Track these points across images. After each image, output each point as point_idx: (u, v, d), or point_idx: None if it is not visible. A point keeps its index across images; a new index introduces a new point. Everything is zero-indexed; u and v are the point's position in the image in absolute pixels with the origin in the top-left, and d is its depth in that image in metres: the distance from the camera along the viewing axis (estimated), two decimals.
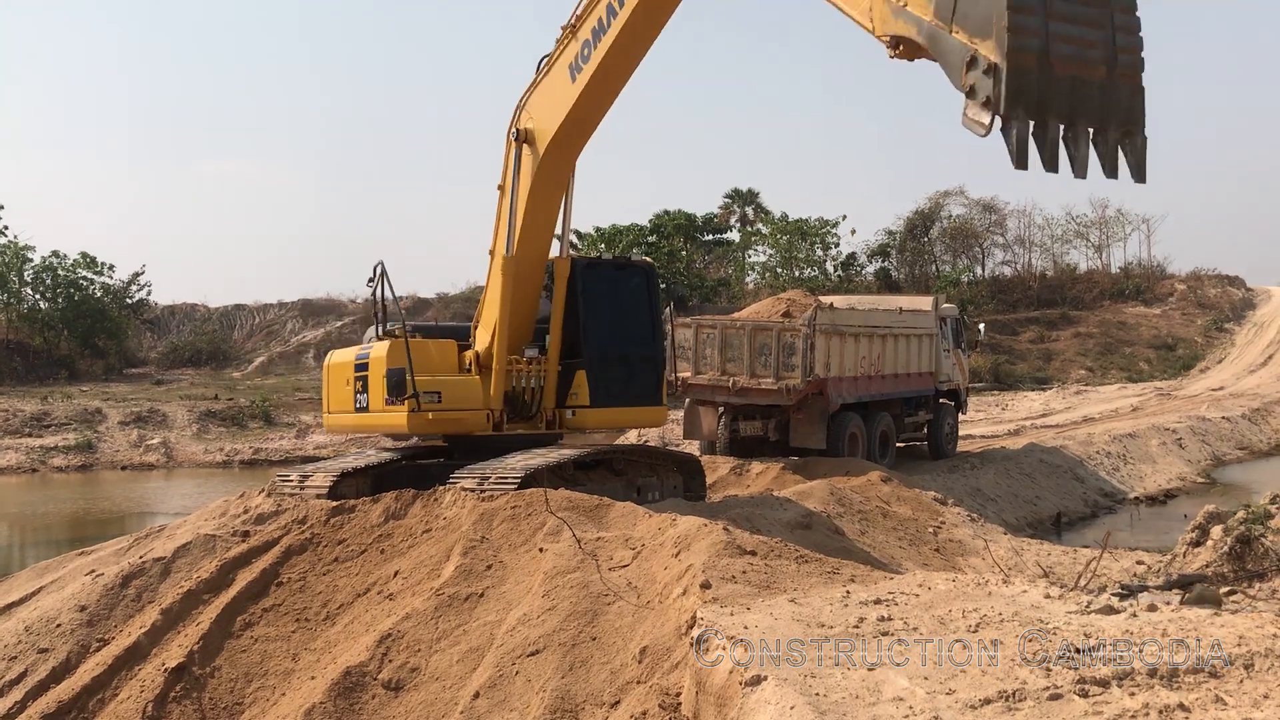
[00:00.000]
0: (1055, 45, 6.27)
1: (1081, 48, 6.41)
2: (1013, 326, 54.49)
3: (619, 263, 15.22)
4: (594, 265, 14.54)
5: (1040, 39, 6.25)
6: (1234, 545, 10.18)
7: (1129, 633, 6.24)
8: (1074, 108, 6.49)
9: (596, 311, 14.19)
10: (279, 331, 61.63)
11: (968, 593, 7.66)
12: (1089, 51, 6.52)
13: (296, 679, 9.29)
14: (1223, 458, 30.18)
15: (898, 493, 18.22)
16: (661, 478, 15.35)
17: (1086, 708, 5.23)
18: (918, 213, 61.91)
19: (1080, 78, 6.46)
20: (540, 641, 8.44)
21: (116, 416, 37.01)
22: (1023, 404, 40.25)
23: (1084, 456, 25.83)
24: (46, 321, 51.20)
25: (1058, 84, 6.34)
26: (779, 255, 57.73)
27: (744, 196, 65.27)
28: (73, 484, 30.99)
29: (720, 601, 7.73)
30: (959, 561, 15.65)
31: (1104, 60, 6.46)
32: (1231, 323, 57.83)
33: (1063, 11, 6.30)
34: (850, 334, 20.81)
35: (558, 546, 9.88)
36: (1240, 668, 5.54)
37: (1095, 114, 6.51)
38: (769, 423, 21.09)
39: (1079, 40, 6.40)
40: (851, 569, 9.02)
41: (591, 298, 14.19)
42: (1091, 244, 66.20)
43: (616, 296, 14.64)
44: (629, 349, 14.42)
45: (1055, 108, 6.45)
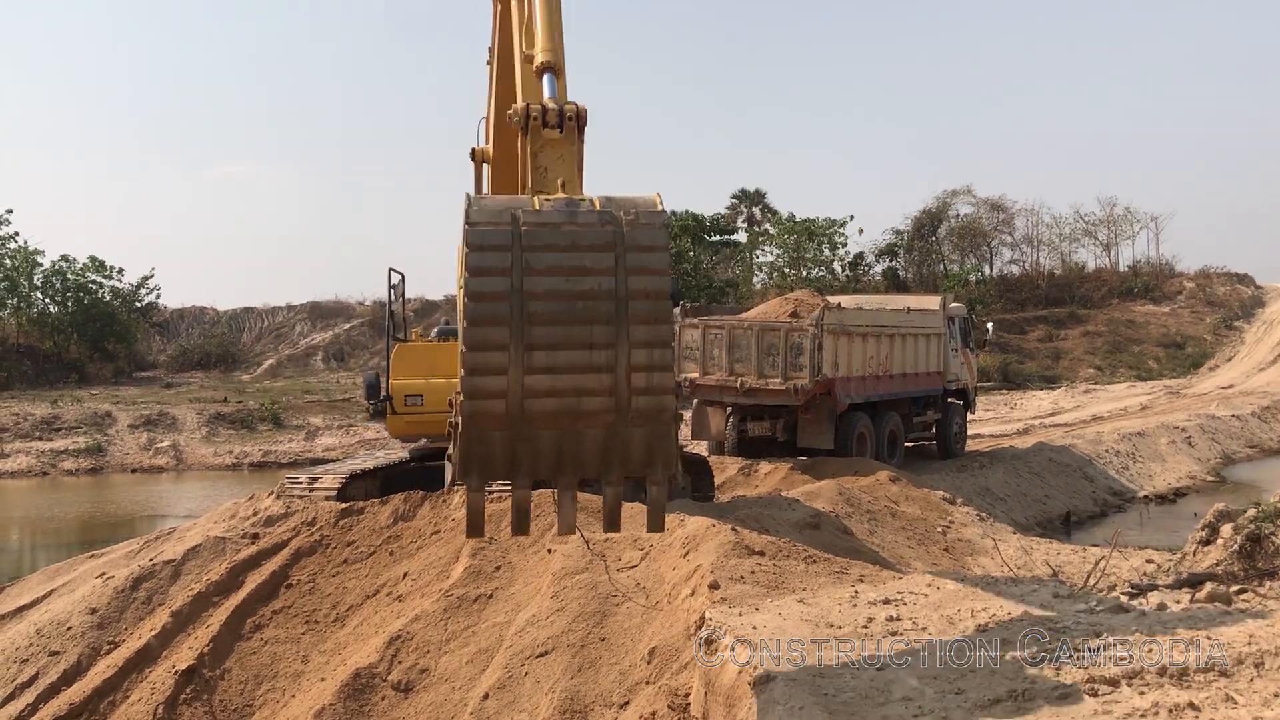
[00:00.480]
0: (532, 401, 5.10)
1: (576, 397, 5.13)
2: (1021, 325, 54.37)
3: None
4: None
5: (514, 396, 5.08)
6: (1244, 544, 10.13)
7: (1139, 631, 6.22)
8: (561, 464, 5.33)
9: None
10: (288, 334, 61.76)
11: (977, 592, 7.65)
12: (586, 400, 5.19)
13: (306, 680, 9.32)
14: (1232, 456, 30.07)
15: (906, 492, 18.20)
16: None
17: (1096, 707, 5.22)
18: (925, 212, 61.81)
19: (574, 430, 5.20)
20: (549, 642, 8.45)
21: (126, 420, 37.09)
22: (1031, 403, 40.15)
23: (1093, 455, 25.77)
24: (56, 325, 51.34)
25: (537, 441, 5.21)
26: (786, 255, 57.67)
27: (751, 197, 65.21)
28: (83, 487, 31.07)
29: (729, 602, 7.73)
30: (968, 561, 15.63)
31: (609, 408, 5.13)
32: (1241, 320, 57.60)
33: (544, 363, 5.08)
34: (858, 334, 20.78)
35: (566, 548, 9.89)
36: (1251, 666, 5.52)
37: (592, 465, 5.33)
38: (777, 423, 21.07)
39: (570, 390, 5.13)
40: (860, 569, 9.01)
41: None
42: (1100, 242, 66.04)
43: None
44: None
45: (529, 468, 5.33)
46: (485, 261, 5.07)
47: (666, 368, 5.18)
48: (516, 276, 5.08)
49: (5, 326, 51.01)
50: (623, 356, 5.11)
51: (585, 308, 5.11)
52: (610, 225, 5.14)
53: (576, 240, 5.14)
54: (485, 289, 5.06)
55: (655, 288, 5.11)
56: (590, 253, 5.12)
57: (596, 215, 5.18)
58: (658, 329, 5.11)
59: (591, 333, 5.12)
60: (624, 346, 5.11)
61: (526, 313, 5.07)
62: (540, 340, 5.10)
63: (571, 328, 5.12)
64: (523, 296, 5.07)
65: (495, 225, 5.14)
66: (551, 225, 5.16)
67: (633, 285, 5.09)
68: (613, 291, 5.10)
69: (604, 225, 5.16)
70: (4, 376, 45.90)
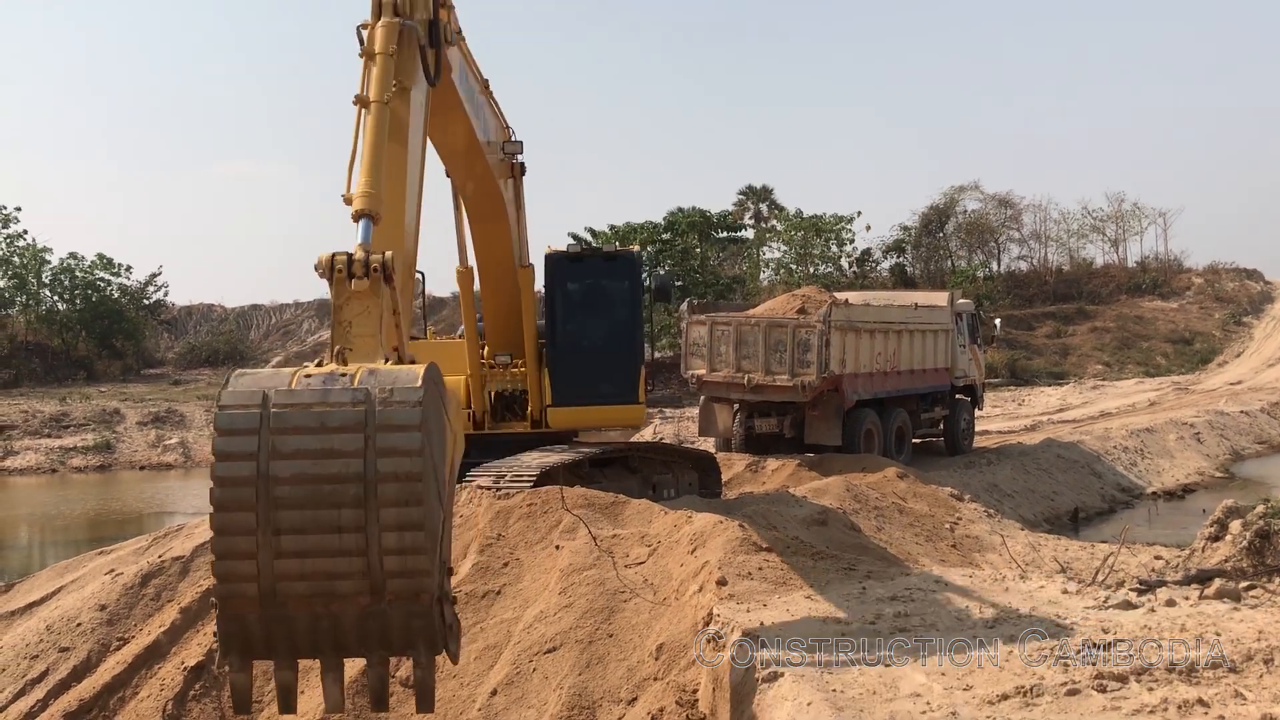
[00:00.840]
0: (283, 585, 5.03)
1: (329, 580, 5.03)
2: (1029, 321, 54.26)
3: (607, 254, 14.85)
4: (576, 259, 14.25)
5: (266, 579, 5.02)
6: (1253, 540, 10.11)
7: (1147, 628, 6.22)
8: (319, 644, 5.26)
9: (564, 307, 13.96)
10: (295, 331, 61.91)
11: (985, 588, 7.64)
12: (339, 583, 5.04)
13: (314, 676, 9.32)
14: (1241, 452, 29.98)
15: (914, 489, 18.19)
16: (677, 475, 15.35)
17: (1105, 703, 5.22)
18: (933, 208, 61.65)
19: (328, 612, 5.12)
20: (557, 638, 8.46)
21: (134, 417, 37.20)
22: (1039, 399, 40.07)
23: (1101, 451, 25.71)
24: (64, 323, 51.52)
25: (292, 622, 5.15)
26: (793, 252, 57.61)
27: (758, 193, 65.12)
28: (91, 484, 31.17)
29: (736, 598, 7.74)
30: (976, 557, 15.61)
31: (362, 590, 5.03)
32: (1250, 316, 57.42)
33: (293, 547, 4.99)
34: (865, 330, 20.76)
35: (574, 544, 9.90)
36: (1260, 662, 5.52)
37: (352, 646, 5.27)
38: (784, 419, 21.07)
39: (321, 574, 5.03)
40: (868, 565, 9.02)
41: (560, 294, 13.97)
42: (1108, 238, 65.87)
43: (592, 291, 14.30)
44: (601, 346, 14.04)
45: (289, 648, 5.29)
46: (230, 446, 5.00)
47: (421, 550, 5.02)
48: (264, 460, 5.01)
49: (14, 324, 51.21)
50: (374, 540, 4.99)
51: (333, 491, 5.02)
52: (362, 405, 5.03)
53: (325, 421, 5.04)
54: (229, 474, 4.99)
55: (406, 469, 4.97)
56: (339, 434, 5.03)
57: (350, 394, 5.07)
58: (408, 511, 4.97)
59: (340, 516, 5.02)
60: (374, 529, 5.01)
61: (273, 497, 4.99)
62: (288, 525, 5.02)
63: (320, 511, 5.02)
64: (270, 481, 5.00)
65: (243, 408, 5.06)
66: (301, 406, 5.06)
67: (382, 468, 4.98)
68: (361, 474, 5.00)
69: (355, 405, 5.04)
70: (13, 374, 46.07)
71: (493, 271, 12.84)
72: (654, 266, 45.95)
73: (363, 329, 5.77)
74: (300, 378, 5.16)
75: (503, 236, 12.36)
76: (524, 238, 12.83)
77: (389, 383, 5.09)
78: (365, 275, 5.74)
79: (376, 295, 5.77)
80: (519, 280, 12.94)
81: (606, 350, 13.96)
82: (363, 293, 5.76)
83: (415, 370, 5.14)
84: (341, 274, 5.74)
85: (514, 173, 11.91)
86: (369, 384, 5.09)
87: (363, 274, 5.74)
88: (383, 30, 6.98)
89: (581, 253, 14.42)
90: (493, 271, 12.84)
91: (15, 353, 48.44)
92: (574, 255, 14.22)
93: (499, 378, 13.62)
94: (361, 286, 5.76)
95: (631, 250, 14.67)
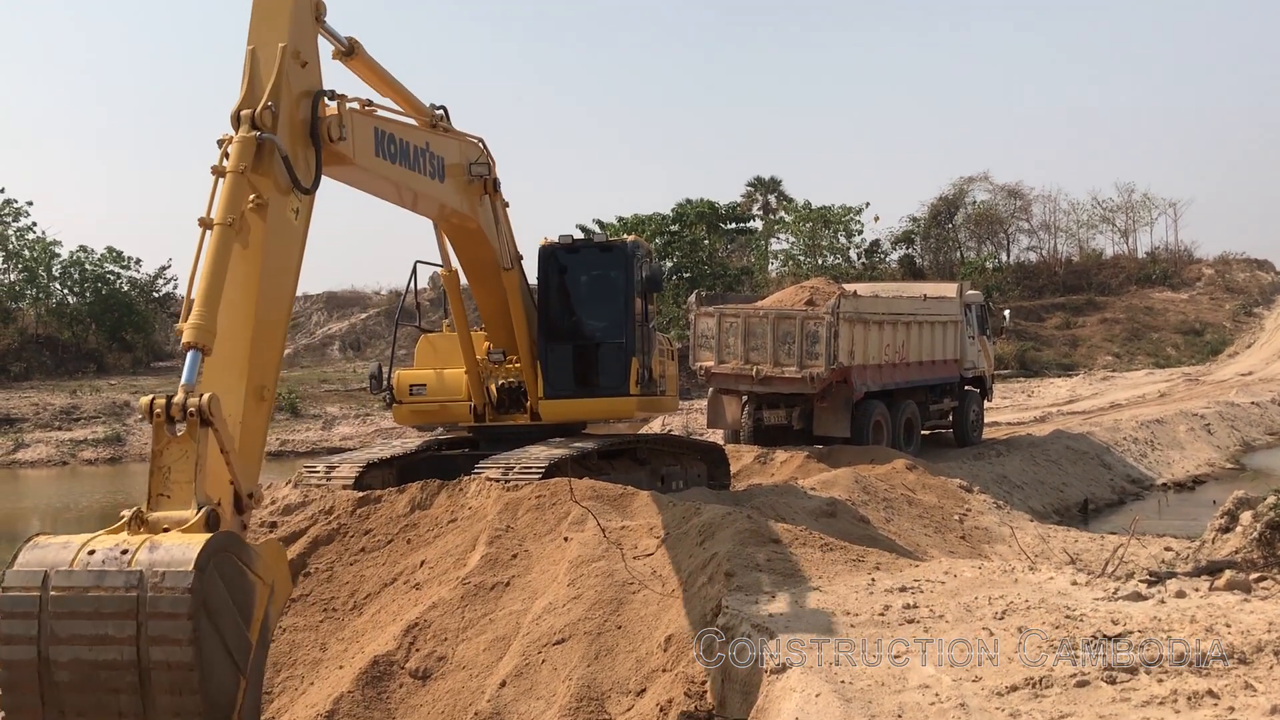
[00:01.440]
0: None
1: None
2: (1038, 313, 54.15)
3: (601, 245, 14.73)
4: (570, 250, 14.13)
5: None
6: (1264, 531, 10.07)
7: (1157, 619, 6.20)
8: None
9: (555, 299, 13.93)
10: (304, 324, 62.00)
11: (994, 580, 7.64)
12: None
13: (324, 668, 9.37)
14: (1252, 443, 29.91)
15: (923, 480, 18.17)
16: (685, 467, 15.37)
17: (1114, 695, 5.21)
18: (942, 199, 61.55)
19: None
20: (566, 630, 8.47)
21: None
22: (1049, 390, 40.00)
23: (1111, 443, 25.66)
24: (74, 316, 51.71)
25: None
26: (802, 243, 57.54)
27: (766, 184, 65.06)
28: (102, 476, 31.30)
29: (745, 590, 7.74)
30: (985, 549, 15.60)
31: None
32: (1260, 307, 57.21)
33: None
34: (874, 322, 20.73)
35: (582, 535, 9.91)
36: (1270, 654, 5.50)
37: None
38: (793, 411, 21.06)
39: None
40: (877, 557, 9.00)
41: (552, 285, 13.93)
42: (1117, 229, 65.69)
43: (582, 282, 14.23)
44: (592, 337, 13.96)
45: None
46: (13, 630, 5.02)
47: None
48: (44, 644, 5.02)
49: (24, 317, 51.41)
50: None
51: (109, 678, 5.03)
52: (134, 590, 4.99)
53: (99, 607, 5.03)
54: (13, 658, 5.04)
55: (176, 658, 4.96)
56: (112, 620, 5.01)
57: (123, 578, 5.04)
58: (183, 700, 5.00)
59: (119, 701, 5.06)
60: (152, 716, 5.06)
61: (53, 681, 5.04)
62: (71, 708, 5.09)
63: (101, 696, 5.06)
64: (51, 665, 5.04)
65: (23, 590, 5.06)
66: (77, 590, 5.03)
67: (154, 655, 4.99)
68: (135, 662, 5.01)
69: (127, 590, 5.00)
70: (23, 367, 46.27)
71: (477, 276, 12.84)
72: (662, 258, 45.92)
73: (180, 475, 5.61)
74: (84, 554, 5.11)
75: (483, 250, 12.30)
76: (508, 244, 12.77)
77: (163, 564, 5.03)
78: (183, 419, 5.57)
79: (194, 440, 5.57)
80: (505, 283, 12.85)
81: (599, 342, 13.89)
82: (182, 437, 5.59)
83: (190, 550, 5.03)
84: (160, 418, 5.57)
85: (487, 188, 11.78)
86: (145, 563, 5.03)
87: (181, 417, 5.56)
88: (236, 146, 6.64)
89: (575, 244, 14.31)
90: (477, 276, 12.84)
91: (26, 346, 48.63)
92: (568, 246, 14.14)
93: (499, 372, 13.63)
94: (179, 431, 5.59)
95: (625, 241, 14.55)
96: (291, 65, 7.22)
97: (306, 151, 7.45)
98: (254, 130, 6.77)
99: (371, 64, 9.33)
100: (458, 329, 13.36)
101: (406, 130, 9.71)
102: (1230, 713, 4.92)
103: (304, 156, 7.40)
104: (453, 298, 13.44)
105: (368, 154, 8.70)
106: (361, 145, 8.52)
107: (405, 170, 9.60)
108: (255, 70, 7.06)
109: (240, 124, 6.79)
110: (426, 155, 10.08)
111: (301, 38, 7.44)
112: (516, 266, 13.01)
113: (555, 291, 13.97)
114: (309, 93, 7.50)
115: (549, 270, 13.90)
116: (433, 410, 13.79)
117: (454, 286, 13.29)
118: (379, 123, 9.02)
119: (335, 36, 8.52)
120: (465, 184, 11.23)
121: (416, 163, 9.84)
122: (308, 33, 7.61)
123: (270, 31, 7.19)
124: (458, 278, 13.16)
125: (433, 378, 13.78)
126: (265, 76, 7.04)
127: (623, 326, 13.90)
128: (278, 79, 7.02)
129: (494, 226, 12.15)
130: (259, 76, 7.04)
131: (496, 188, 11.94)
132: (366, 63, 9.19)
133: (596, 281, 14.23)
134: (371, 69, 9.36)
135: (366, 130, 8.68)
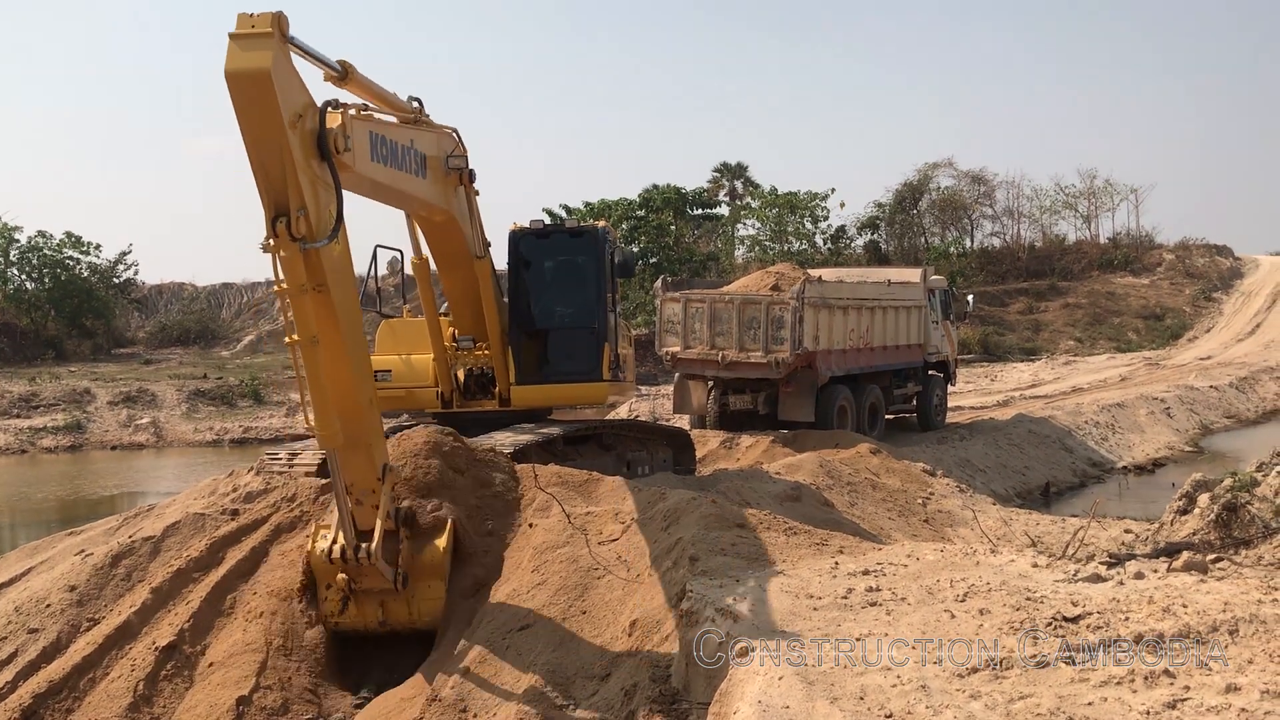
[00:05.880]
0: None
1: None
2: (1001, 298, 54.50)
3: (571, 231, 14.67)
4: (541, 235, 14.05)
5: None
6: (1221, 513, 10.21)
7: (1116, 601, 6.26)
8: None
9: (524, 284, 13.83)
10: (268, 310, 61.26)
11: (956, 563, 7.69)
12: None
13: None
14: (1210, 426, 30.31)
15: (887, 464, 18.28)
16: (651, 452, 15.38)
17: (1073, 675, 5.27)
18: (907, 185, 61.75)
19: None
20: (530, 616, 8.46)
21: (105, 396, 36.86)
22: (1011, 375, 40.33)
23: (1072, 426, 25.92)
24: (33, 302, 50.83)
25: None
26: (768, 229, 57.60)
27: (733, 170, 65.04)
28: (62, 464, 30.91)
29: (710, 574, 7.75)
30: (948, 532, 15.72)
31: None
32: (1219, 292, 57.89)
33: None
34: (839, 307, 20.82)
35: (547, 522, 9.90)
36: (1225, 634, 5.57)
37: None
38: (758, 396, 21.13)
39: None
40: (840, 540, 9.04)
41: (524, 270, 13.83)
42: (1080, 214, 66.18)
43: (553, 267, 14.14)
44: (563, 322, 13.92)
45: None
46: None
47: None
48: None
49: None
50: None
51: None
52: None
53: None
54: None
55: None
56: None
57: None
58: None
59: None
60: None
61: None
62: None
63: None
64: None
65: None
66: None
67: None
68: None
69: None
70: None
71: (448, 264, 12.70)
72: (628, 243, 45.82)
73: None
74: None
75: (456, 240, 12.19)
76: (479, 232, 12.67)
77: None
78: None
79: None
80: (476, 270, 12.75)
81: (570, 327, 13.84)
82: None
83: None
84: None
85: (462, 179, 11.69)
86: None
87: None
88: (287, 265, 7.33)
89: (546, 229, 14.19)
90: (448, 264, 12.70)
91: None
92: (538, 232, 14.04)
93: (466, 359, 13.53)
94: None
95: (596, 226, 14.48)
96: (293, 136, 7.31)
97: (322, 170, 7.69)
98: (296, 240, 7.28)
99: (365, 83, 9.04)
100: (427, 316, 13.25)
101: (393, 130, 9.62)
102: (1186, 692, 4.98)
103: (323, 194, 7.69)
104: (422, 285, 13.31)
105: (365, 160, 8.63)
106: (360, 152, 8.46)
107: (395, 171, 9.55)
108: (264, 166, 7.26)
109: (277, 231, 7.24)
110: (411, 153, 10.01)
111: (288, 91, 7.36)
112: (487, 254, 12.93)
113: (525, 277, 13.87)
114: (309, 106, 7.57)
115: (519, 256, 13.81)
116: (399, 396, 13.64)
117: (424, 274, 13.16)
118: (373, 126, 8.93)
119: (326, 62, 8.33)
120: (442, 176, 11.15)
121: (403, 162, 9.77)
122: (287, 69, 7.47)
123: (264, 120, 7.19)
124: (427, 265, 13.04)
125: (399, 364, 13.65)
126: (275, 170, 7.26)
127: (595, 311, 13.84)
128: (293, 165, 7.27)
129: (467, 216, 12.06)
130: (271, 175, 7.27)
131: (471, 179, 11.86)
132: (361, 83, 8.90)
133: (567, 267, 14.15)
134: (366, 88, 9.06)
135: (363, 136, 8.60)
